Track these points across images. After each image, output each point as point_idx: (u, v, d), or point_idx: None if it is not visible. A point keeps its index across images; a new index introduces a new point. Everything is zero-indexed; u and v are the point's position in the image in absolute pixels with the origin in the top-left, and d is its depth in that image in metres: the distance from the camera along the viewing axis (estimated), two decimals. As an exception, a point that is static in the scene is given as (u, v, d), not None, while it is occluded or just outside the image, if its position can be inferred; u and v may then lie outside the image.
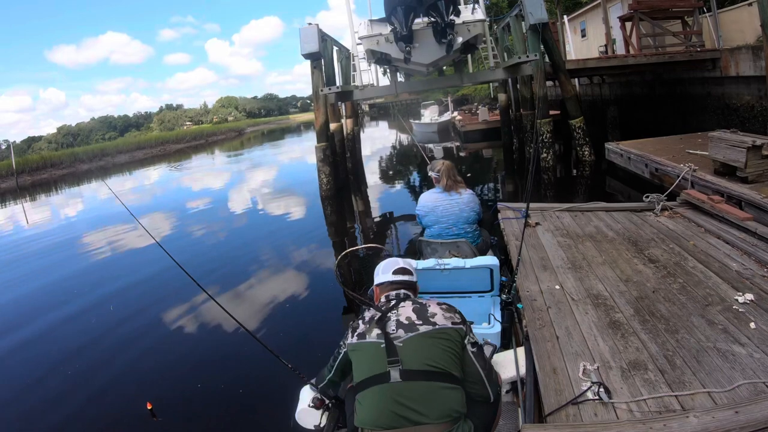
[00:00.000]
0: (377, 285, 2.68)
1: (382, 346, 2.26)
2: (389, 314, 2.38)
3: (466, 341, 2.35)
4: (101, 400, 4.77)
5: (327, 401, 2.77)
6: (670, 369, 2.78)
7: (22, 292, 8.86)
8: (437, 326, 2.29)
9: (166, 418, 4.34)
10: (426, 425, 2.13)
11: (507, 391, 3.10)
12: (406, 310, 2.38)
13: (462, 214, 4.52)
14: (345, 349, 2.47)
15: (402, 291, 2.57)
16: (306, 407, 2.82)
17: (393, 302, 2.48)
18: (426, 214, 4.59)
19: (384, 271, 2.68)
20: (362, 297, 4.54)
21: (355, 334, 2.40)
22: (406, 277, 2.64)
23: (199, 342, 5.86)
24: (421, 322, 2.30)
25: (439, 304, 2.43)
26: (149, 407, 4.37)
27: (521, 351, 3.15)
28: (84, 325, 6.79)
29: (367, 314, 2.46)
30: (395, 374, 2.18)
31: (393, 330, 2.29)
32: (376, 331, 2.32)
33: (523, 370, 2.97)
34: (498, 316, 3.67)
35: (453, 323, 2.34)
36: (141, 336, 6.18)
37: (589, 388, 2.66)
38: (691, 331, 3.12)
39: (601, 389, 2.62)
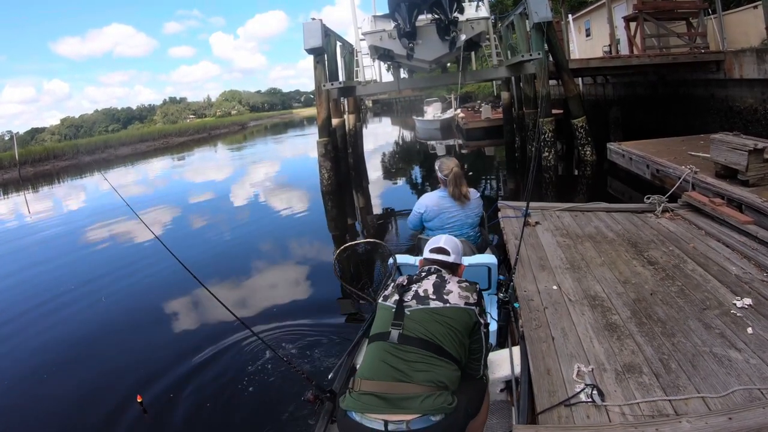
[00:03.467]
0: (422, 258, 2.89)
1: (393, 310, 2.45)
2: (412, 285, 2.56)
3: (480, 320, 2.50)
4: (90, 392, 4.72)
5: (322, 396, 2.77)
6: (665, 373, 2.76)
7: (15, 280, 8.84)
8: (448, 305, 2.43)
9: (156, 411, 4.29)
10: (408, 384, 2.22)
11: (501, 390, 3.10)
12: (427, 283, 2.55)
13: (467, 221, 4.49)
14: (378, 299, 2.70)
15: (434, 267, 2.71)
16: None
17: (423, 275, 2.65)
18: (431, 218, 4.52)
19: (427, 247, 2.87)
20: (359, 291, 4.53)
21: (383, 294, 2.64)
22: (441, 257, 2.76)
23: (191, 333, 5.81)
24: (434, 297, 2.47)
25: (459, 281, 2.59)
26: (139, 400, 4.32)
27: (516, 350, 3.14)
28: (75, 315, 6.77)
29: (400, 279, 2.65)
30: (394, 335, 2.36)
31: (408, 299, 2.48)
32: (395, 298, 2.51)
33: (517, 370, 2.97)
34: (494, 314, 3.66)
35: (466, 303, 2.47)
36: (131, 327, 6.16)
37: (582, 390, 2.64)
38: (687, 335, 3.11)
39: (595, 392, 2.60)
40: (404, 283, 2.58)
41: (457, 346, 2.36)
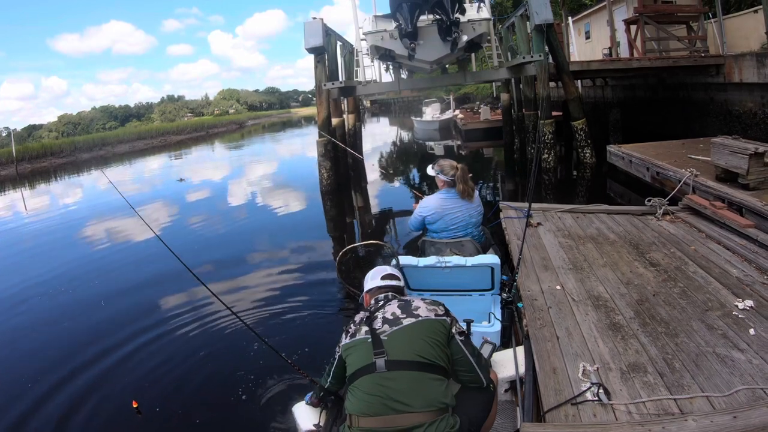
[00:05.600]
0: (367, 291, 2.83)
1: (369, 340, 2.38)
2: (376, 314, 2.51)
3: (453, 331, 2.45)
4: (85, 398, 4.58)
5: (326, 398, 2.79)
6: (670, 372, 2.80)
7: (11, 282, 8.71)
8: (420, 318, 2.41)
9: (152, 416, 4.21)
10: (410, 414, 2.18)
11: (506, 390, 3.11)
12: (391, 308, 2.51)
13: (471, 220, 4.49)
14: (340, 353, 2.56)
15: (390, 293, 2.71)
16: (305, 411, 2.85)
17: (381, 303, 2.60)
18: (435, 220, 4.52)
19: (373, 278, 2.84)
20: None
21: (348, 335, 2.52)
22: (393, 282, 2.80)
23: (191, 335, 5.71)
24: (405, 316, 2.43)
25: (423, 299, 2.56)
26: (135, 405, 4.25)
27: (521, 350, 3.16)
28: (71, 318, 6.67)
29: (358, 317, 2.58)
30: (381, 364, 2.28)
31: (379, 326, 2.42)
32: (364, 329, 2.44)
33: (522, 369, 2.98)
34: (498, 314, 3.69)
35: (436, 315, 2.45)
36: (130, 330, 5.99)
37: (588, 388, 2.67)
38: (690, 336, 3.14)
39: (601, 390, 2.63)
40: (365, 318, 2.52)
41: (444, 356, 2.35)
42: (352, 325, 2.55)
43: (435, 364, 2.29)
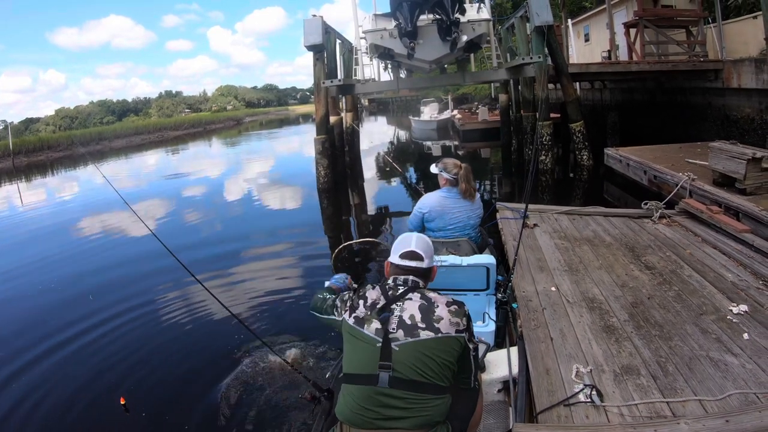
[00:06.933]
0: (389, 260, 2.48)
1: (378, 345, 2.14)
2: (393, 306, 2.22)
3: (470, 346, 2.25)
4: (72, 397, 4.50)
5: (319, 395, 2.77)
6: (663, 375, 2.79)
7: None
8: (440, 334, 2.14)
9: (140, 413, 4.17)
10: (402, 430, 2.09)
11: (499, 390, 3.11)
12: (412, 306, 2.21)
13: (470, 222, 4.46)
14: (341, 319, 2.34)
15: (411, 278, 2.34)
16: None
17: (401, 290, 2.29)
18: (433, 218, 4.48)
19: (395, 251, 2.44)
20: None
21: (353, 315, 2.26)
22: (414, 264, 2.36)
23: (182, 329, 5.66)
24: (424, 326, 2.15)
25: (447, 304, 2.24)
26: (122, 402, 4.20)
27: (514, 350, 3.15)
28: (59, 313, 6.55)
29: (370, 295, 2.30)
30: (384, 379, 2.10)
31: (393, 329, 2.16)
32: (375, 325, 2.18)
33: (515, 370, 2.98)
34: (492, 314, 3.67)
35: (457, 331, 2.18)
36: (119, 322, 5.95)
37: (581, 390, 2.67)
38: (684, 339, 3.13)
39: (594, 392, 2.62)
40: (379, 303, 2.24)
41: (450, 376, 2.19)
42: (361, 304, 2.27)
43: (439, 385, 2.13)
